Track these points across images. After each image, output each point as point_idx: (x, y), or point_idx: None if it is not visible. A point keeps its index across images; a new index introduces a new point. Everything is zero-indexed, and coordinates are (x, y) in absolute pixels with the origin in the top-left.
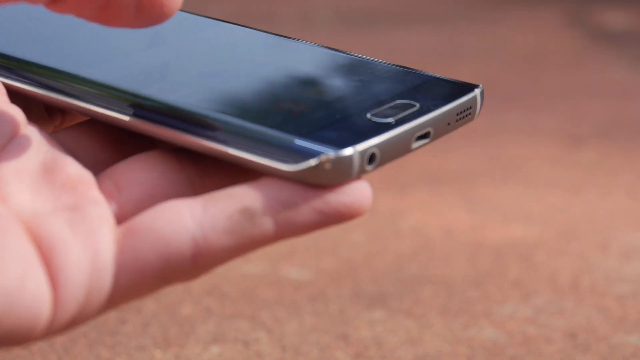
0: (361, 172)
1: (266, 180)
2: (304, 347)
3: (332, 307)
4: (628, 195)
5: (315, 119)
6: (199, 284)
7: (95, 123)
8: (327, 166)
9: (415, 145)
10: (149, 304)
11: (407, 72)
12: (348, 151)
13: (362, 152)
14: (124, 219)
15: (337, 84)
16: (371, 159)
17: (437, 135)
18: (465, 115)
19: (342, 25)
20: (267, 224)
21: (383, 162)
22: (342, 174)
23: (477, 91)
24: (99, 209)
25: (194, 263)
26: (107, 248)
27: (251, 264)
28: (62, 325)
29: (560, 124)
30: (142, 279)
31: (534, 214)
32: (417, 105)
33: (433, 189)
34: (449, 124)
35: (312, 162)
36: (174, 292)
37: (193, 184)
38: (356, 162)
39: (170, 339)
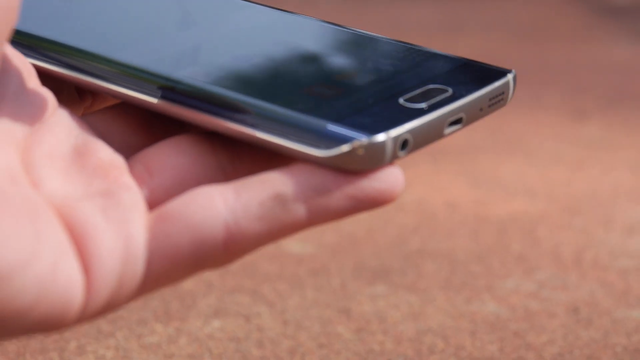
0: (394, 158)
1: (298, 166)
2: (305, 321)
3: (334, 282)
4: (631, 170)
5: (348, 104)
6: None
7: (126, 106)
8: (360, 152)
9: (448, 130)
10: None
11: (439, 56)
12: (381, 137)
13: (395, 138)
14: (156, 204)
15: (370, 68)
16: (404, 144)
17: (470, 121)
18: (498, 100)
19: (344, 0)
20: (299, 210)
21: (416, 147)
22: (375, 159)
23: (509, 76)
24: (131, 195)
25: (226, 249)
26: (140, 234)
27: None
28: (94, 312)
29: (564, 99)
30: (174, 265)
31: (537, 189)
32: (450, 90)
33: (436, 164)
34: (481, 109)
35: (345, 147)
36: None
37: (224, 169)
38: (389, 148)
39: (171, 312)
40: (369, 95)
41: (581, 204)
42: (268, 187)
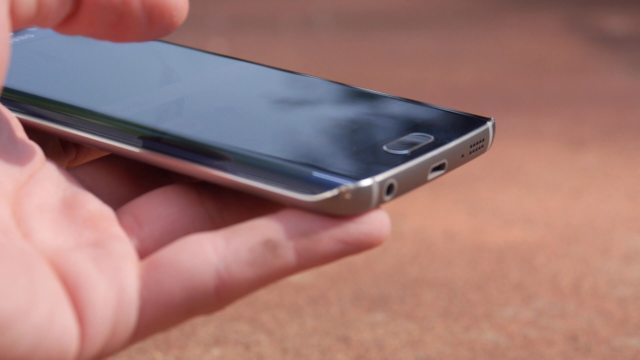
0: (380, 203)
1: (286, 212)
2: (304, 349)
3: (333, 310)
4: (628, 199)
5: (333, 151)
6: None
7: (111, 159)
8: (347, 196)
9: (431, 176)
10: None
11: (420, 107)
12: (367, 182)
13: (381, 183)
14: (146, 254)
15: (353, 118)
16: (389, 189)
17: (452, 167)
18: (478, 147)
19: (342, 29)
20: (289, 255)
21: (401, 192)
22: (361, 204)
23: (489, 124)
24: (122, 245)
25: (218, 295)
26: (132, 283)
27: None
28: (89, 359)
29: (561, 128)
30: (167, 312)
31: (535, 218)
32: (432, 137)
33: (434, 193)
34: (462, 155)
35: (332, 192)
36: None
37: (212, 217)
38: (375, 192)
39: (171, 341)
40: (353, 142)
41: (579, 232)
42: (257, 233)
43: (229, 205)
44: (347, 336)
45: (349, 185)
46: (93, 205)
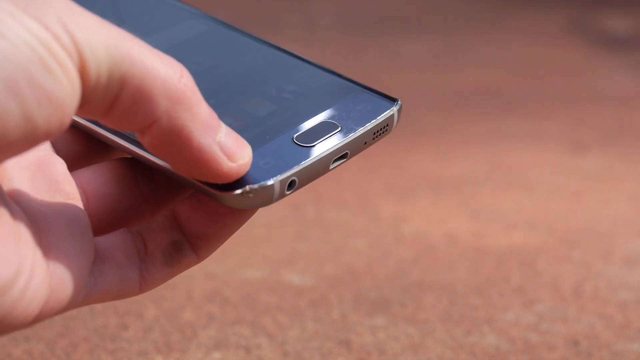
0: (281, 197)
1: (184, 207)
2: (305, 353)
3: (334, 313)
4: (630, 202)
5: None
6: (200, 290)
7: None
8: (250, 195)
9: (333, 165)
10: (151, 310)
11: (335, 81)
12: (270, 182)
13: (283, 181)
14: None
15: (270, 96)
16: (291, 184)
17: (354, 154)
18: (381, 132)
19: (345, 31)
20: (191, 254)
21: (302, 185)
22: (263, 200)
23: (394, 108)
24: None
25: (141, 291)
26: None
27: (252, 270)
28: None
29: (563, 131)
30: (102, 300)
31: (536, 221)
32: (339, 127)
33: (435, 195)
34: (365, 142)
35: (238, 191)
36: (175, 298)
37: (147, 198)
38: (277, 189)
39: (171, 344)
40: (266, 130)
41: (580, 236)
42: (166, 235)
43: (160, 186)
44: (348, 340)
45: (253, 185)
46: (61, 167)
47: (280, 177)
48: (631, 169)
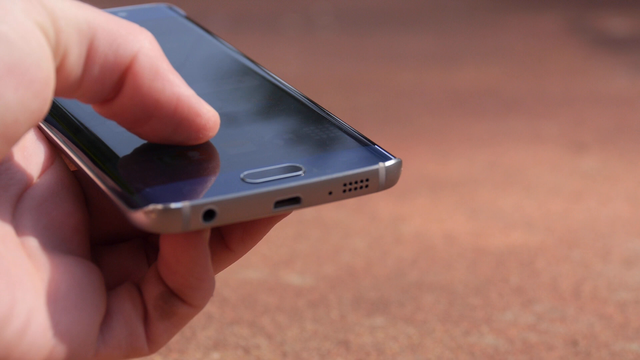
0: (197, 227)
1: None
2: (304, 353)
3: (333, 313)
4: (629, 202)
5: (170, 172)
6: None
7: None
8: (153, 216)
9: (279, 208)
10: None
11: (338, 134)
12: (176, 205)
13: (196, 208)
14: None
15: (259, 141)
16: (208, 214)
17: (314, 202)
18: (357, 187)
19: (343, 29)
20: (178, 303)
21: (230, 220)
22: (171, 224)
23: (381, 165)
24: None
25: (150, 350)
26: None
27: (251, 270)
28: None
29: (562, 131)
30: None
31: (535, 221)
32: (302, 171)
33: (434, 195)
34: (330, 193)
35: (142, 210)
36: None
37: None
38: (186, 215)
39: (170, 344)
40: (225, 166)
41: (579, 236)
42: (155, 287)
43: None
44: (347, 340)
45: (157, 205)
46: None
47: (191, 203)
48: (630, 168)
